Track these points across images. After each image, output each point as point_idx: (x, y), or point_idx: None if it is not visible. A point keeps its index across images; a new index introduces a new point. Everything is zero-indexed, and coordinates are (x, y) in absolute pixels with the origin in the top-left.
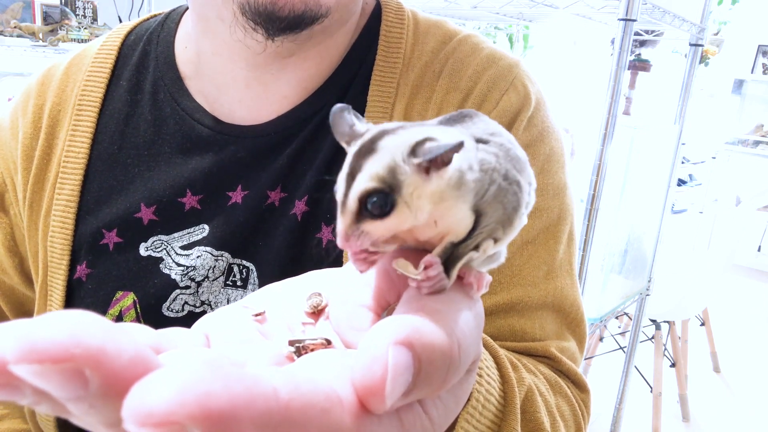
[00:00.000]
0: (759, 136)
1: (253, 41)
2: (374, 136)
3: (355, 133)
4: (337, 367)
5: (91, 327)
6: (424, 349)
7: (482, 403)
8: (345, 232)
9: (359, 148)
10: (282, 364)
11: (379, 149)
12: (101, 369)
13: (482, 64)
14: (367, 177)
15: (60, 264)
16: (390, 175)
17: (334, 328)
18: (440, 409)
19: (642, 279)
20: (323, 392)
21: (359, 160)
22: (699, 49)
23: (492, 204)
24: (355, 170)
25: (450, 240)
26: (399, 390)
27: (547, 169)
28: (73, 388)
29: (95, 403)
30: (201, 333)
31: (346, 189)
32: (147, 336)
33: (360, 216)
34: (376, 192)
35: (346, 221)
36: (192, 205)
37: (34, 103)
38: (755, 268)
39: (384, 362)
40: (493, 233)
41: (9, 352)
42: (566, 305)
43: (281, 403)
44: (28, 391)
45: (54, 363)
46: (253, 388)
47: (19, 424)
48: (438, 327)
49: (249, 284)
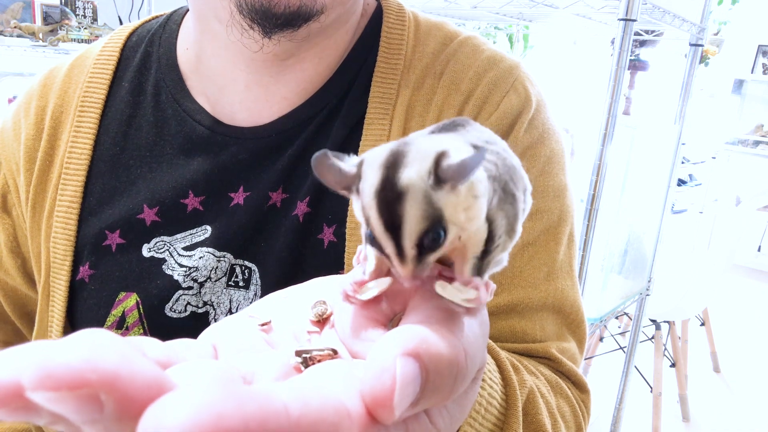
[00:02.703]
0: (759, 136)
1: (250, 40)
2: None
3: (347, 176)
4: (344, 379)
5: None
6: (431, 360)
7: (485, 406)
8: (413, 274)
9: (381, 198)
10: (289, 375)
11: (404, 190)
12: (116, 393)
13: (483, 66)
14: (414, 220)
15: (63, 265)
16: (430, 207)
17: (340, 338)
18: (446, 418)
19: (642, 279)
20: (332, 406)
21: (390, 209)
22: (699, 49)
23: (497, 212)
24: (395, 220)
25: (473, 254)
26: (407, 400)
27: (548, 170)
28: (88, 411)
29: (110, 425)
30: (208, 344)
31: (396, 240)
32: (156, 349)
33: (420, 256)
34: (429, 228)
35: (411, 267)
36: (194, 206)
37: (36, 104)
38: (755, 268)
39: (392, 373)
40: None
41: (26, 378)
42: (566, 306)
43: (292, 420)
44: (44, 413)
45: (70, 389)
46: (264, 406)
47: (19, 424)
48: (445, 337)
49: (251, 285)
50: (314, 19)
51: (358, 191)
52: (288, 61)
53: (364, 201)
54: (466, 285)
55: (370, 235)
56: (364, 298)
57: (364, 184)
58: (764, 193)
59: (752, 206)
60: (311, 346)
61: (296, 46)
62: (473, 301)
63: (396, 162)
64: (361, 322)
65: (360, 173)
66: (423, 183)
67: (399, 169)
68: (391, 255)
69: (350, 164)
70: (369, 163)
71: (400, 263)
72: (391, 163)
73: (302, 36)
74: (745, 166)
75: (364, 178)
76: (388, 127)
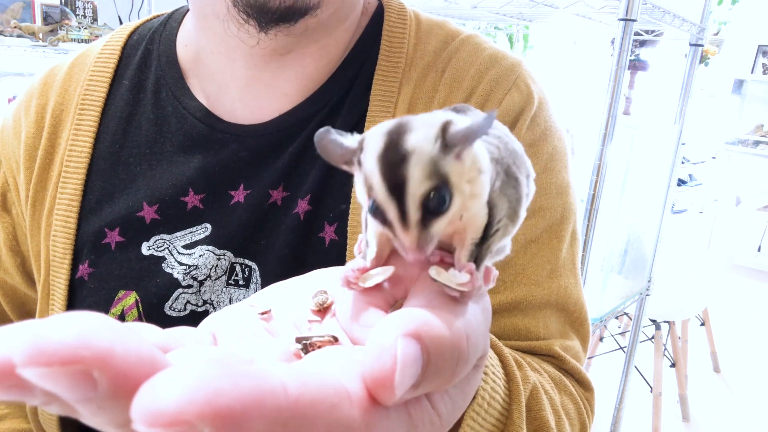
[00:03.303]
0: (759, 136)
1: (246, 35)
2: (390, 142)
3: (348, 150)
4: (344, 363)
5: (98, 328)
6: (432, 341)
7: (488, 401)
8: (418, 243)
9: (384, 161)
10: (289, 361)
11: (410, 151)
12: (109, 370)
13: (485, 63)
14: (418, 180)
15: (62, 263)
16: (435, 169)
17: (342, 325)
18: (448, 404)
19: (642, 279)
20: (332, 387)
21: (394, 170)
22: (699, 49)
23: (500, 196)
24: (399, 180)
25: (472, 239)
26: (408, 381)
27: (550, 168)
28: (81, 389)
29: (104, 404)
30: (208, 332)
31: (399, 202)
32: (154, 335)
33: (425, 221)
34: (434, 189)
35: (415, 232)
36: (194, 204)
37: (36, 102)
38: (755, 268)
39: (393, 353)
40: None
41: (17, 354)
42: (570, 304)
43: (290, 399)
44: (37, 392)
45: (62, 365)
46: (262, 384)
47: (20, 424)
48: (446, 320)
49: (251, 283)
50: (310, 14)
51: (359, 163)
52: (287, 57)
53: (366, 168)
54: (461, 270)
55: (372, 206)
56: (367, 285)
57: (366, 153)
58: (764, 193)
59: (752, 206)
60: (311, 333)
61: (294, 42)
62: (466, 285)
63: (400, 129)
64: (362, 308)
65: (362, 146)
66: (429, 146)
67: (404, 134)
68: (395, 221)
69: (352, 139)
70: (371, 134)
71: (404, 229)
72: (395, 130)
73: (299, 31)
74: (745, 166)
75: (366, 149)
76: None
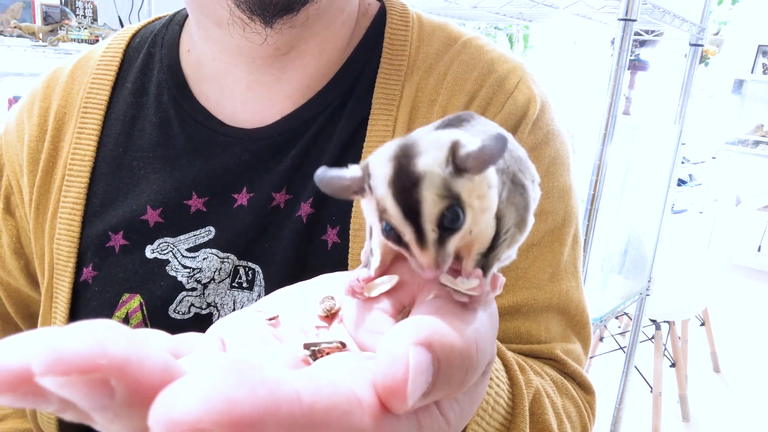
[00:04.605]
0: (759, 136)
1: (253, 34)
2: (400, 167)
3: (355, 180)
4: (354, 370)
5: (113, 336)
6: (443, 350)
7: (492, 405)
8: (436, 262)
9: (396, 186)
10: (298, 368)
11: (421, 175)
12: (126, 378)
13: (487, 66)
14: (432, 201)
15: (66, 266)
16: (447, 189)
17: (349, 331)
18: (456, 410)
19: (642, 279)
20: (344, 394)
21: (408, 195)
22: (699, 49)
23: (507, 206)
24: (413, 203)
25: (478, 251)
26: (420, 390)
27: (552, 171)
28: (98, 397)
29: (120, 411)
30: (216, 337)
31: (415, 224)
32: (164, 342)
33: (440, 240)
34: (448, 208)
35: (433, 251)
36: (197, 207)
37: (39, 105)
38: (755, 268)
39: (405, 362)
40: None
41: (35, 363)
42: (571, 308)
43: (304, 406)
44: (53, 400)
45: (80, 374)
46: (276, 392)
47: (21, 424)
48: (457, 328)
49: (255, 286)
50: (310, 0)
51: (370, 189)
52: (289, 56)
53: (378, 194)
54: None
55: (387, 228)
56: (372, 295)
57: (375, 179)
58: (764, 193)
59: (752, 206)
60: (319, 339)
61: (296, 37)
62: (475, 289)
63: (407, 153)
64: (369, 314)
65: (368, 172)
66: (440, 170)
67: (413, 158)
68: (411, 242)
69: (354, 169)
70: (376, 160)
71: (421, 249)
72: (402, 154)
73: (302, 21)
74: (745, 166)
75: (373, 175)
76: (392, 128)
